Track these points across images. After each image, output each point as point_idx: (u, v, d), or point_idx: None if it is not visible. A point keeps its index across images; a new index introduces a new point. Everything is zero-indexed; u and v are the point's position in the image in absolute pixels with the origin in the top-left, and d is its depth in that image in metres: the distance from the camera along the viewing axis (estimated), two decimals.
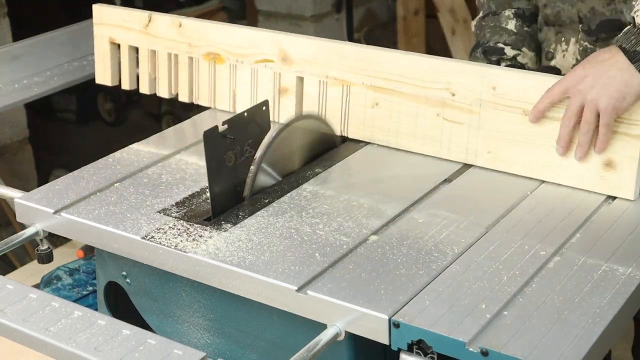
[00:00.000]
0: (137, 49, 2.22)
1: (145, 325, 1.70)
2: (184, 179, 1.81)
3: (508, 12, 2.01)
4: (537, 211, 1.63)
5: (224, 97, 2.09)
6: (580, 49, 1.90)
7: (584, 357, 1.26)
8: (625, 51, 1.59)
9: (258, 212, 1.66)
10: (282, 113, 1.99)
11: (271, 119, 1.89)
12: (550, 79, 1.66)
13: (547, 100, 1.65)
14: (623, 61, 1.58)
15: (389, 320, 1.34)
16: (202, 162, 1.79)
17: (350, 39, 4.71)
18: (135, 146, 1.97)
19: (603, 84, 1.58)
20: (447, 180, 1.76)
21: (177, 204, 1.70)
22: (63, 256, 2.52)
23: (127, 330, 1.38)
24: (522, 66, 1.97)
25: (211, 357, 1.57)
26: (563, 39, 1.94)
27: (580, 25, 1.89)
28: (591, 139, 1.62)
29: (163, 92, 2.20)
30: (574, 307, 1.36)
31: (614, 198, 1.66)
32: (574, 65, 1.87)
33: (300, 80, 1.97)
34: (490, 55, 1.99)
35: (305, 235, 1.57)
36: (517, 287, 1.40)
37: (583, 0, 1.87)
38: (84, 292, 2.27)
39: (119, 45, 2.25)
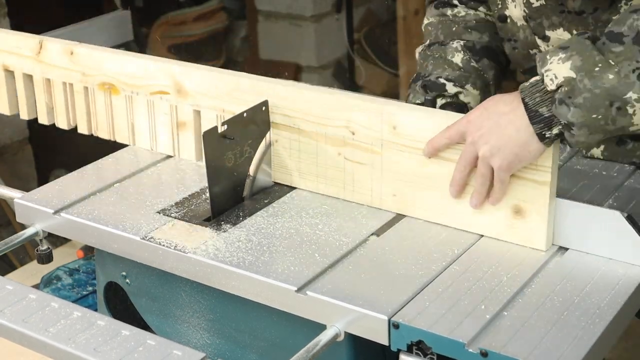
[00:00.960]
0: (31, 77, 2.07)
1: (145, 326, 1.70)
2: (184, 179, 1.81)
3: (456, 44, 1.84)
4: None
5: (123, 129, 1.97)
6: (524, 1, 1.75)
7: (584, 357, 1.26)
8: (526, 107, 1.44)
9: (258, 213, 1.66)
10: (182, 149, 1.89)
11: (171, 154, 1.87)
12: (451, 118, 1.54)
13: (445, 138, 1.52)
14: (522, 120, 1.44)
15: (389, 320, 1.34)
16: (201, 162, 1.79)
17: (350, 39, 4.71)
18: (135, 146, 1.97)
19: (497, 143, 1.45)
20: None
21: (176, 204, 1.70)
22: (63, 256, 2.52)
23: (127, 330, 1.38)
24: (463, 105, 1.81)
25: (211, 358, 1.57)
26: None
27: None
28: (487, 188, 1.50)
29: (62, 123, 2.07)
30: (573, 307, 1.36)
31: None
32: (523, 17, 1.75)
33: (198, 113, 1.84)
34: (430, 90, 1.81)
35: (305, 235, 1.57)
36: (516, 288, 1.40)
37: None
38: (84, 292, 2.27)
39: (13, 72, 2.10)
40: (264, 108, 1.72)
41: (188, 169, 1.85)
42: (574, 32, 1.66)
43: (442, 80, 1.81)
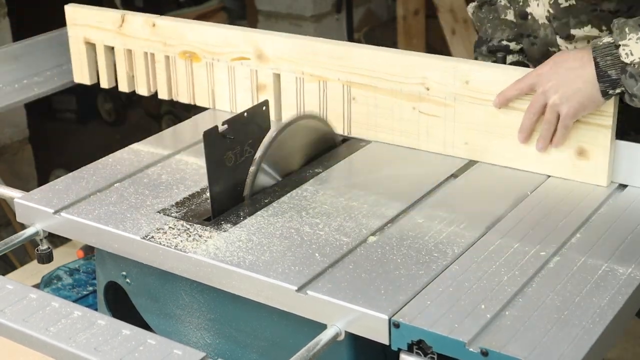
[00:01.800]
0: (112, 48, 2.25)
1: (145, 325, 1.70)
2: (184, 179, 1.81)
3: (504, 1, 2.00)
4: (537, 210, 1.63)
5: (203, 94, 2.14)
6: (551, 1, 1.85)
7: (584, 357, 1.26)
8: (597, 65, 1.61)
9: (258, 212, 1.66)
10: None
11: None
12: (519, 72, 1.71)
13: (515, 90, 1.70)
14: (591, 76, 1.61)
15: (389, 320, 1.34)
16: (202, 162, 1.79)
17: (350, 39, 4.71)
18: (135, 146, 1.97)
19: (566, 93, 1.63)
20: (454, 175, 1.78)
21: (177, 204, 1.70)
22: (63, 256, 2.52)
23: (127, 330, 1.38)
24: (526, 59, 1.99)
25: (211, 357, 1.58)
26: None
27: None
28: (551, 134, 1.69)
29: (142, 90, 2.24)
30: (574, 307, 1.36)
31: (625, 186, 1.70)
32: (547, 17, 1.84)
33: (277, 76, 2.01)
34: (497, 53, 2.00)
35: (305, 235, 1.57)
36: (517, 287, 1.40)
37: None
38: (84, 292, 2.27)
39: (94, 45, 2.28)
40: (264, 108, 1.72)
41: (188, 168, 1.85)
42: (603, 28, 1.76)
43: (504, 43, 2.00)
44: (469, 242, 1.53)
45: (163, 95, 2.21)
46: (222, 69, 2.08)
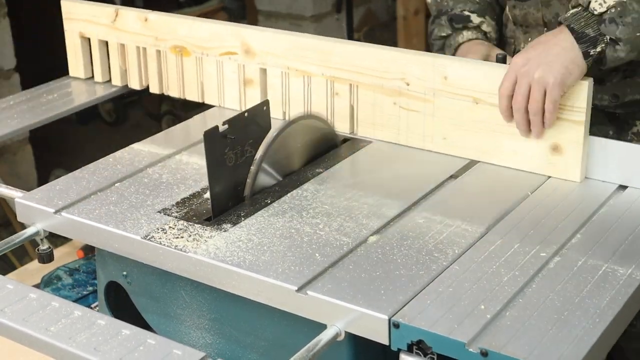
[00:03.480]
0: (107, 43, 2.30)
1: (145, 325, 1.70)
2: (184, 179, 1.81)
3: None
4: (538, 211, 1.63)
5: (193, 88, 2.17)
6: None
7: (584, 357, 1.26)
8: (572, 31, 1.64)
9: (258, 212, 1.66)
10: (248, 103, 2.06)
11: (238, 108, 2.03)
12: (496, 68, 1.74)
13: (504, 98, 1.69)
14: (569, 40, 1.63)
15: (389, 320, 1.34)
16: (202, 162, 1.79)
17: (350, 39, 4.71)
18: (135, 146, 1.97)
19: (548, 62, 1.63)
20: (454, 177, 1.78)
21: (177, 204, 1.70)
22: (63, 256, 2.51)
23: (127, 330, 1.38)
24: (485, 34, 2.02)
25: (211, 357, 1.57)
26: (530, 39, 1.94)
27: (545, 29, 1.89)
28: (542, 117, 1.68)
29: (134, 84, 2.29)
30: (573, 307, 1.36)
31: (625, 187, 1.71)
32: None
33: (264, 71, 2.04)
34: (456, 22, 2.02)
35: (306, 235, 1.57)
36: (517, 288, 1.40)
37: (547, 6, 1.88)
38: (84, 292, 2.26)
39: (89, 39, 2.33)
40: (265, 108, 1.72)
41: (188, 168, 1.85)
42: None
43: (466, 13, 2.03)
44: (469, 243, 1.54)
45: (154, 89, 2.26)
46: (211, 64, 2.12)
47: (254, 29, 2.07)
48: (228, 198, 1.68)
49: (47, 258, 1.76)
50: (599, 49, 1.63)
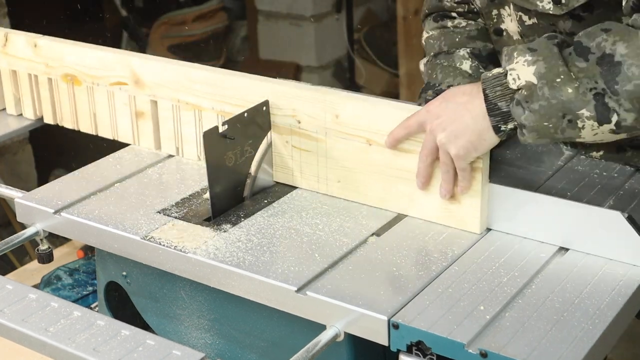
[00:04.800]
0: None
1: (145, 326, 1.70)
2: (184, 179, 1.81)
3: (463, 52, 1.81)
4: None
5: (86, 119, 2.04)
6: (518, 18, 1.73)
7: (584, 358, 1.26)
8: (486, 98, 1.46)
9: (258, 213, 1.66)
10: (141, 138, 1.95)
11: (130, 143, 1.93)
12: (391, 109, 1.59)
13: (404, 130, 1.56)
14: (479, 109, 1.47)
15: (388, 321, 1.34)
16: (202, 162, 1.79)
17: (350, 39, 4.70)
18: (135, 146, 1.97)
19: (454, 131, 1.48)
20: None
21: (177, 204, 1.70)
22: (63, 256, 2.52)
23: (126, 330, 1.38)
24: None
25: (211, 358, 1.58)
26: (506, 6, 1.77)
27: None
28: (452, 176, 1.53)
29: (29, 114, 2.16)
30: (573, 308, 1.36)
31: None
32: (518, 32, 1.73)
33: (154, 103, 1.90)
34: None
35: (305, 235, 1.57)
36: (516, 289, 1.40)
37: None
38: (84, 292, 2.27)
39: None
40: (264, 108, 1.72)
41: (188, 168, 1.85)
42: None
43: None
44: (469, 243, 1.53)
45: (48, 119, 2.12)
46: (102, 94, 1.97)
47: (143, 57, 1.90)
48: (228, 198, 1.68)
49: (46, 258, 1.76)
50: (510, 126, 1.46)
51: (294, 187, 1.74)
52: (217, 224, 1.62)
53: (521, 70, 1.42)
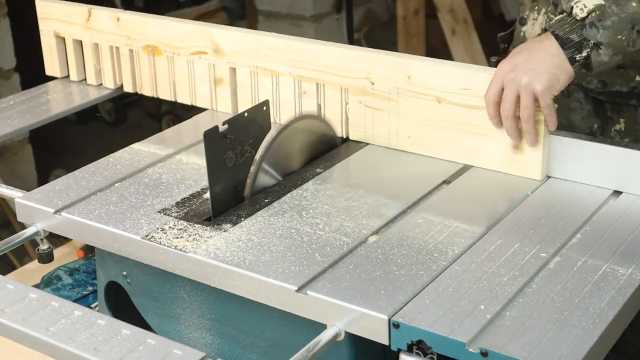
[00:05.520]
0: (81, 42, 2.32)
1: (145, 325, 1.70)
2: (184, 179, 1.81)
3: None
4: (537, 211, 1.63)
5: (165, 87, 2.19)
6: (547, 20, 1.88)
7: (584, 357, 1.26)
8: (557, 37, 1.63)
9: (258, 212, 1.66)
10: (219, 102, 2.11)
11: (208, 107, 2.07)
12: (459, 69, 1.76)
13: (491, 104, 1.68)
14: (554, 47, 1.63)
15: (389, 320, 1.34)
16: (202, 162, 1.79)
17: (350, 39, 4.71)
18: (135, 146, 1.97)
19: (535, 69, 1.62)
20: (446, 182, 1.76)
21: (177, 204, 1.70)
22: (63, 256, 2.52)
23: (127, 330, 1.38)
24: None
25: (211, 357, 1.58)
26: (536, 7, 1.95)
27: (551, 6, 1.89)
28: (534, 123, 1.66)
29: (109, 83, 2.31)
30: (573, 307, 1.36)
31: (619, 193, 1.69)
32: (539, 34, 1.88)
33: (233, 70, 2.06)
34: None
35: (306, 235, 1.57)
36: (517, 288, 1.40)
37: None
38: (84, 292, 2.26)
39: (64, 38, 2.35)
40: (264, 108, 1.72)
41: (188, 168, 1.86)
42: None
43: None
44: (469, 243, 1.54)
45: (128, 88, 2.28)
46: (182, 63, 2.13)
47: (223, 28, 2.08)
48: (228, 198, 1.68)
49: (47, 258, 1.76)
50: (584, 53, 1.63)
51: (299, 185, 1.75)
52: (218, 224, 1.62)
53: (586, 0, 1.61)
